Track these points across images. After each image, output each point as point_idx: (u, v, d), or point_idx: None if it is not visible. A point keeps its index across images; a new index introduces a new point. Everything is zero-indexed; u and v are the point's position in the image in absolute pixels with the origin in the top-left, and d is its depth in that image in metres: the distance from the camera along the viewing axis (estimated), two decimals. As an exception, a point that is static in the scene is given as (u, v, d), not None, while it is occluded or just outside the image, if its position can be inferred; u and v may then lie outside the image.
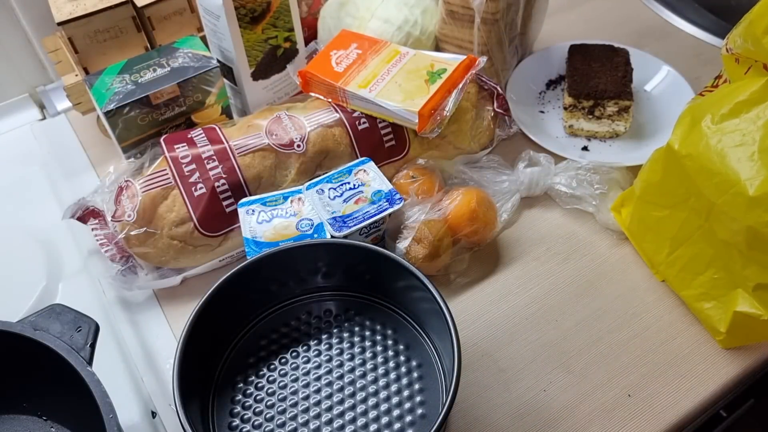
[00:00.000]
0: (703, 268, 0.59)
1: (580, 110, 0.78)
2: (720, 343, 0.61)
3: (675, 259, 0.62)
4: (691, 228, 0.58)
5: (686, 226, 0.59)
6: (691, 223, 0.58)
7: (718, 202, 0.54)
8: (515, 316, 0.64)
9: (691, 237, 0.59)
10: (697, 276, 0.60)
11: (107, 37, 0.76)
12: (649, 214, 0.63)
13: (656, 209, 0.62)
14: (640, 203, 0.64)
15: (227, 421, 0.53)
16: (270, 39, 0.74)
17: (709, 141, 0.54)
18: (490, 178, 0.72)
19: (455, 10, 0.77)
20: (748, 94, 0.53)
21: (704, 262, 0.58)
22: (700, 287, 0.60)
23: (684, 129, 0.57)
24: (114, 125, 0.68)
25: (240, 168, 0.65)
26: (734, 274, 0.56)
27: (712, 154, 0.54)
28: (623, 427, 0.56)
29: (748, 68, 0.55)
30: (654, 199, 0.62)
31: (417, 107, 0.67)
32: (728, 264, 0.56)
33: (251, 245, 0.60)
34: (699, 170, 0.55)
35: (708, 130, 0.54)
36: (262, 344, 0.58)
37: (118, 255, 0.65)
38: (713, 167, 0.54)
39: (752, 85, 0.53)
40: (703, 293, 0.60)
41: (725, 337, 0.59)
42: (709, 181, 0.54)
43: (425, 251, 0.62)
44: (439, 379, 0.55)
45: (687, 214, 0.58)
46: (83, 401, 0.48)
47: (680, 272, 0.62)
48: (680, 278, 0.62)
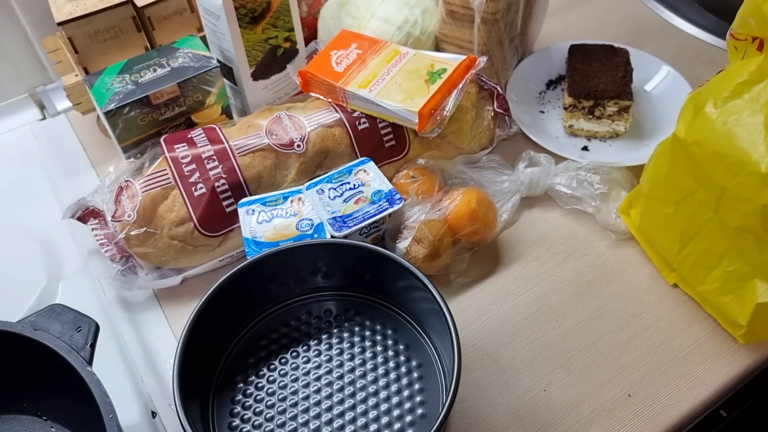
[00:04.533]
0: (716, 262, 0.58)
1: (580, 110, 0.78)
2: (740, 338, 0.60)
3: (686, 255, 0.61)
4: (701, 221, 0.58)
5: (695, 221, 0.58)
6: (699, 216, 0.57)
7: (729, 185, 0.53)
8: (515, 316, 0.64)
9: (701, 231, 0.58)
10: (710, 270, 0.59)
11: (107, 37, 0.76)
12: (657, 212, 0.62)
13: (664, 205, 0.61)
14: (648, 201, 0.63)
15: (227, 421, 0.53)
16: (270, 39, 0.74)
17: (715, 125, 0.53)
18: (490, 178, 0.72)
19: (455, 10, 0.77)
20: (746, 74, 0.53)
21: (717, 255, 0.58)
22: (715, 282, 0.59)
23: (688, 118, 0.56)
24: (114, 125, 0.68)
25: (240, 168, 0.65)
26: (751, 263, 0.55)
27: (719, 138, 0.53)
28: (623, 427, 0.56)
29: (744, 52, 0.55)
30: (661, 194, 0.61)
31: (417, 107, 0.67)
32: (743, 253, 0.55)
33: (251, 245, 0.60)
34: (708, 156, 0.54)
35: (712, 114, 0.54)
36: (262, 344, 0.58)
37: (118, 255, 0.66)
38: (722, 150, 0.53)
39: (750, 65, 0.53)
40: (719, 287, 0.59)
41: (746, 331, 0.58)
42: (720, 164, 0.53)
43: (425, 251, 0.62)
44: (439, 379, 0.55)
45: (694, 208, 0.57)
46: (83, 401, 0.48)
47: (693, 268, 0.61)
48: (694, 274, 0.61)
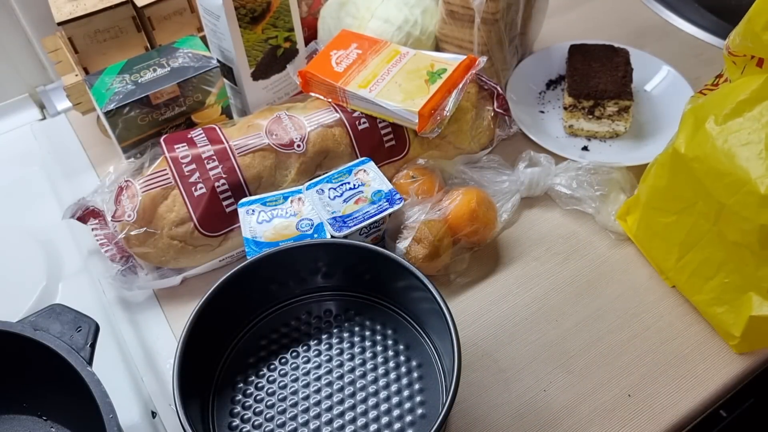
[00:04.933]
0: (714, 273, 0.58)
1: (580, 110, 0.78)
2: (734, 348, 0.60)
3: (684, 264, 0.61)
4: (700, 232, 0.58)
5: (694, 231, 0.58)
6: (699, 227, 0.58)
7: (728, 202, 0.53)
8: (515, 316, 0.64)
9: (700, 241, 0.58)
10: (707, 281, 0.59)
11: (107, 37, 0.76)
12: (656, 221, 0.62)
13: (663, 215, 0.61)
14: (646, 210, 0.63)
15: (227, 421, 0.53)
16: (270, 39, 0.74)
17: (715, 142, 0.54)
18: (490, 178, 0.72)
19: (455, 10, 0.77)
20: (749, 92, 0.53)
21: (714, 266, 0.58)
22: (711, 292, 0.59)
23: (688, 132, 0.57)
24: (114, 125, 0.68)
25: (240, 168, 0.65)
26: (747, 277, 0.56)
27: (719, 155, 0.53)
28: (623, 427, 0.56)
29: (743, 68, 0.55)
30: (660, 204, 0.61)
31: (417, 107, 0.67)
32: (740, 266, 0.56)
33: (251, 245, 0.60)
34: (707, 172, 0.55)
35: (713, 131, 0.54)
36: (262, 344, 0.58)
37: (118, 255, 0.65)
38: (722, 168, 0.53)
39: (752, 83, 0.53)
40: (715, 298, 0.59)
41: (740, 342, 0.59)
42: (719, 182, 0.54)
43: (425, 251, 0.62)
44: (439, 379, 0.55)
45: (695, 219, 0.58)
46: (83, 401, 0.48)
47: (690, 277, 0.61)
48: (691, 283, 0.61)
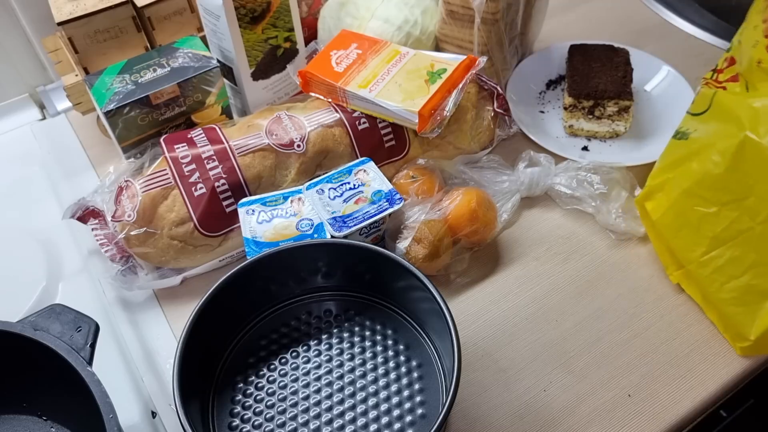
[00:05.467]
0: (741, 272, 0.56)
1: (580, 110, 0.78)
2: (740, 350, 0.59)
3: (710, 259, 0.59)
4: (739, 229, 0.55)
5: (734, 226, 0.56)
6: (740, 223, 0.55)
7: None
8: (515, 316, 0.64)
9: (736, 238, 0.56)
10: (732, 279, 0.57)
11: (107, 37, 0.76)
12: (692, 209, 0.59)
13: (705, 204, 0.58)
14: (685, 196, 0.60)
15: (227, 421, 0.53)
16: (270, 39, 0.74)
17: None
18: (490, 178, 0.72)
19: (455, 10, 0.77)
20: None
21: (744, 265, 0.56)
22: (733, 291, 0.57)
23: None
24: (114, 125, 0.68)
25: (240, 168, 0.65)
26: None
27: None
28: (623, 427, 0.56)
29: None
30: (706, 193, 0.58)
31: (417, 107, 0.67)
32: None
33: (251, 245, 0.60)
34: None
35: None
36: (262, 344, 0.58)
37: (118, 255, 0.65)
38: None
39: None
40: (736, 297, 0.57)
41: (750, 345, 0.58)
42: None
43: (425, 251, 0.62)
44: (439, 379, 0.55)
45: (739, 214, 0.55)
46: (83, 401, 0.48)
47: (713, 273, 0.59)
48: (711, 279, 0.59)
